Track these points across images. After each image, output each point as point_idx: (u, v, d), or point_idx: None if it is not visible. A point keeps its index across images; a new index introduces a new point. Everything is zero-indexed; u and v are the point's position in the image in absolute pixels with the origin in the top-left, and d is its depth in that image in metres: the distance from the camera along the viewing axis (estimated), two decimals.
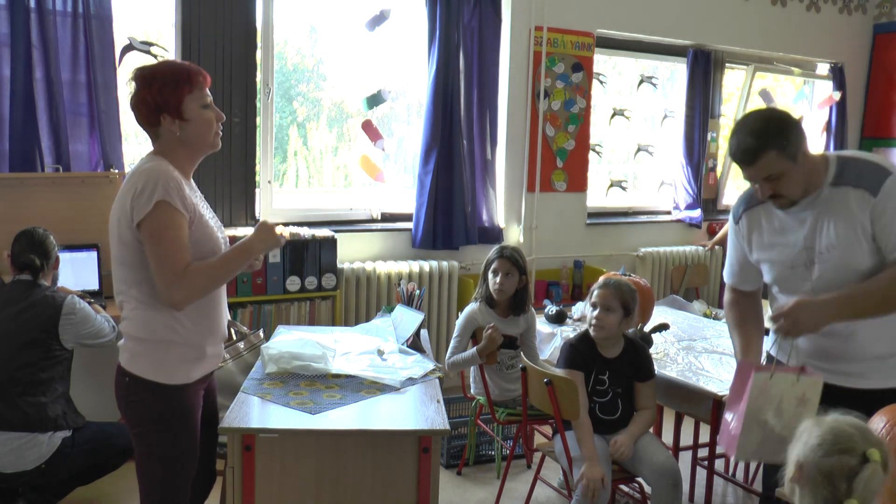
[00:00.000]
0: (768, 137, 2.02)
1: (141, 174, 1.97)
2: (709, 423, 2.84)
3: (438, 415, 2.27)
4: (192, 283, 1.95)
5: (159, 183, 1.93)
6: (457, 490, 3.55)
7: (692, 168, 5.69)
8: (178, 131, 2.03)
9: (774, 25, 5.86)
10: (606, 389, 2.92)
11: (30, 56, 3.50)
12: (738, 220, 2.33)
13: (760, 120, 2.06)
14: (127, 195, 1.97)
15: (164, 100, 2.00)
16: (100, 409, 3.70)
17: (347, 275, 4.30)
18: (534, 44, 4.88)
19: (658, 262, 5.50)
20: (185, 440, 2.11)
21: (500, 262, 3.36)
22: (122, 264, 2.04)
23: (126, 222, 1.97)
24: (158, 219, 1.92)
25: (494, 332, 3.26)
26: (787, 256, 2.20)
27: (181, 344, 2.06)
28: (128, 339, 2.09)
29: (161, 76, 2.02)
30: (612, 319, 2.86)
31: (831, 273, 2.13)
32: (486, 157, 4.74)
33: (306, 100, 4.77)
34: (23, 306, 2.88)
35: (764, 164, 2.04)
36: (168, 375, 2.06)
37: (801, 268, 2.18)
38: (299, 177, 4.79)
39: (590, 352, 2.92)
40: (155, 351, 2.05)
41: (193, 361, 2.10)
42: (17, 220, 3.29)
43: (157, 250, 1.93)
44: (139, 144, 4.18)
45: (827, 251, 2.12)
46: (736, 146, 2.08)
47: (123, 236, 2.00)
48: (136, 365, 2.07)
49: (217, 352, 2.22)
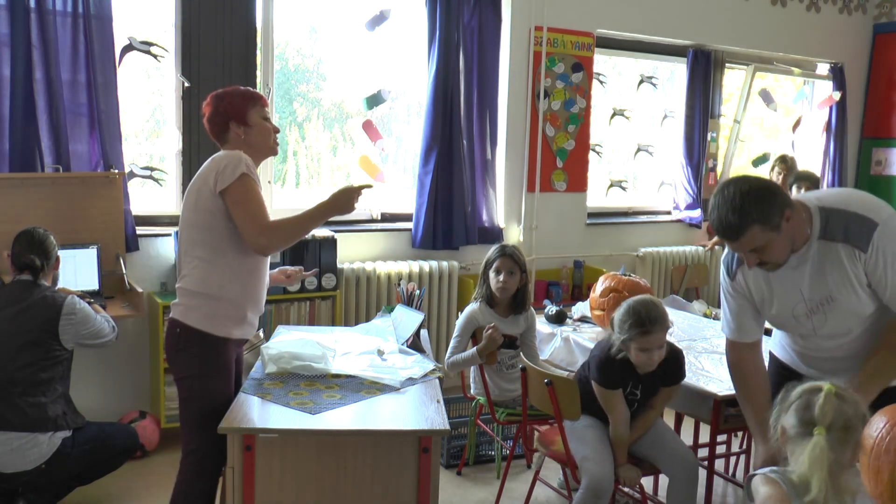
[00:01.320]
0: (749, 214, 2.00)
1: (224, 157, 2.40)
2: (709, 423, 2.83)
3: (438, 415, 2.28)
4: (276, 232, 2.37)
5: (242, 161, 2.36)
6: (457, 490, 3.55)
7: (692, 168, 5.69)
8: (242, 135, 2.50)
9: (774, 25, 5.86)
10: (637, 401, 2.85)
11: (30, 56, 3.50)
12: (735, 276, 2.30)
13: (740, 195, 2.01)
14: (210, 171, 2.37)
15: (234, 110, 2.49)
16: (100, 409, 3.71)
17: (347, 275, 4.30)
18: (534, 44, 4.88)
19: (658, 262, 5.50)
20: (221, 389, 2.43)
21: (502, 261, 3.36)
22: (193, 226, 2.42)
23: (207, 191, 2.36)
24: (244, 186, 2.34)
25: (495, 332, 3.26)
26: (786, 307, 2.22)
27: (227, 302, 2.42)
28: (183, 295, 2.44)
29: (230, 93, 2.53)
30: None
31: (833, 321, 2.16)
32: (486, 157, 4.74)
33: (306, 100, 4.77)
34: (23, 306, 2.88)
35: (748, 239, 2.03)
36: (214, 327, 2.41)
37: (803, 317, 2.20)
38: (300, 176, 4.79)
39: (625, 370, 2.77)
40: (206, 304, 2.41)
41: (236, 320, 2.46)
42: (17, 220, 3.29)
43: (246, 209, 2.34)
44: (139, 144, 4.18)
45: (827, 302, 2.14)
46: (718, 223, 2.06)
47: (201, 203, 2.39)
48: (188, 316, 2.42)
49: (253, 321, 2.55)
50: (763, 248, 2.06)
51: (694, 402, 2.89)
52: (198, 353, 2.41)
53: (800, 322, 2.21)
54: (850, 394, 1.73)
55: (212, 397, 2.40)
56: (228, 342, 2.46)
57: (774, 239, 2.04)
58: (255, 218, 2.34)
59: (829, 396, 1.68)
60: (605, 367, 2.76)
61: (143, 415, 3.76)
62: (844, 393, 1.72)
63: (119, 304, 3.53)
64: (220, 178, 2.34)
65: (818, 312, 2.16)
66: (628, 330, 2.67)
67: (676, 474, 2.78)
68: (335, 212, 2.51)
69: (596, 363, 2.80)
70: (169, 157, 4.09)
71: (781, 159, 5.25)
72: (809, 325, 2.20)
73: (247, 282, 2.47)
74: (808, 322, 2.19)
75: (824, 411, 1.67)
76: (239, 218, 2.35)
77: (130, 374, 3.93)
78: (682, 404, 3.02)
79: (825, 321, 2.17)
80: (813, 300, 2.15)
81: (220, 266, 2.40)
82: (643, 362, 2.71)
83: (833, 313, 2.14)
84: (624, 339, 2.69)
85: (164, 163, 4.12)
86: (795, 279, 2.17)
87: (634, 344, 2.68)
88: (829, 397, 1.68)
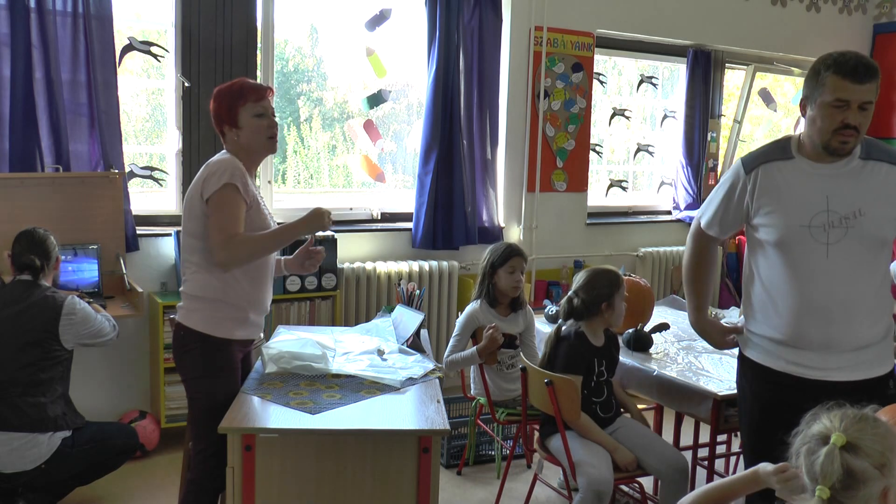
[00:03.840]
0: (876, 66, 2.10)
1: (216, 163, 2.41)
2: (709, 423, 2.83)
3: (438, 415, 2.28)
4: (235, 248, 2.33)
5: (228, 170, 2.36)
6: (457, 490, 3.54)
7: (692, 168, 5.69)
8: (236, 137, 2.47)
9: (774, 25, 5.86)
10: (604, 382, 2.96)
11: (30, 56, 3.50)
12: (750, 172, 2.25)
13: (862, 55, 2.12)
14: (200, 178, 2.39)
15: (225, 113, 2.46)
16: (100, 409, 3.71)
17: (347, 275, 4.30)
18: (534, 44, 4.88)
19: (658, 262, 5.50)
20: (226, 389, 2.44)
21: (516, 260, 3.40)
22: (190, 234, 2.45)
23: (198, 198, 2.38)
24: (223, 195, 2.34)
25: (495, 331, 3.26)
26: (804, 214, 2.16)
27: (228, 304, 2.44)
28: (185, 299, 2.48)
29: (224, 93, 2.48)
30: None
31: (852, 239, 2.13)
32: (486, 156, 4.74)
33: (307, 100, 4.77)
34: (23, 307, 2.88)
35: (872, 87, 2.09)
36: (215, 328, 2.43)
37: (819, 229, 2.14)
38: (301, 176, 4.79)
39: (585, 346, 2.95)
40: (206, 307, 2.43)
41: (237, 322, 2.48)
42: (17, 220, 3.29)
43: (215, 218, 2.34)
44: (139, 144, 4.18)
45: (853, 216, 2.12)
46: (854, 61, 2.08)
47: (193, 209, 2.41)
48: (190, 319, 2.45)
49: (258, 321, 2.57)
50: (867, 109, 2.10)
51: (694, 402, 2.89)
52: (201, 355, 2.44)
53: (813, 235, 2.14)
54: (870, 438, 1.43)
55: (218, 397, 2.42)
56: (232, 343, 2.48)
57: (872, 108, 2.12)
58: (221, 230, 2.33)
59: (833, 453, 1.41)
60: (567, 349, 2.92)
61: (143, 415, 3.76)
62: (861, 440, 1.42)
63: (119, 304, 3.53)
64: (206, 186, 2.36)
65: (839, 227, 2.13)
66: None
67: (666, 476, 2.83)
68: (307, 231, 2.51)
69: (560, 350, 2.95)
70: (169, 157, 4.09)
71: None
72: (823, 240, 2.14)
73: (246, 285, 2.47)
74: (822, 235, 2.13)
75: (825, 471, 1.42)
76: (209, 228, 2.36)
77: (130, 374, 3.93)
78: (682, 404, 3.02)
79: (842, 238, 2.12)
80: (837, 212, 2.13)
81: (216, 272, 2.42)
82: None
83: (854, 230, 2.12)
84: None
85: (164, 163, 4.12)
86: (824, 185, 2.15)
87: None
88: (833, 454, 1.41)
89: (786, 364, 2.23)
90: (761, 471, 1.67)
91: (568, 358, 2.91)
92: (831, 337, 2.17)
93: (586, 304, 2.94)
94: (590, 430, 2.86)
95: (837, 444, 1.42)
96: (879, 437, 1.44)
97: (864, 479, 1.41)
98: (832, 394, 1.67)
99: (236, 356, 2.52)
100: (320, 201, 4.75)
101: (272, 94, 2.55)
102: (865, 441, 1.42)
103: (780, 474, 1.61)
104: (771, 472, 1.64)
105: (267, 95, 2.51)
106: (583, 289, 2.97)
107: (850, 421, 1.46)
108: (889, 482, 1.43)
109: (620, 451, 2.84)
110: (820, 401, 1.54)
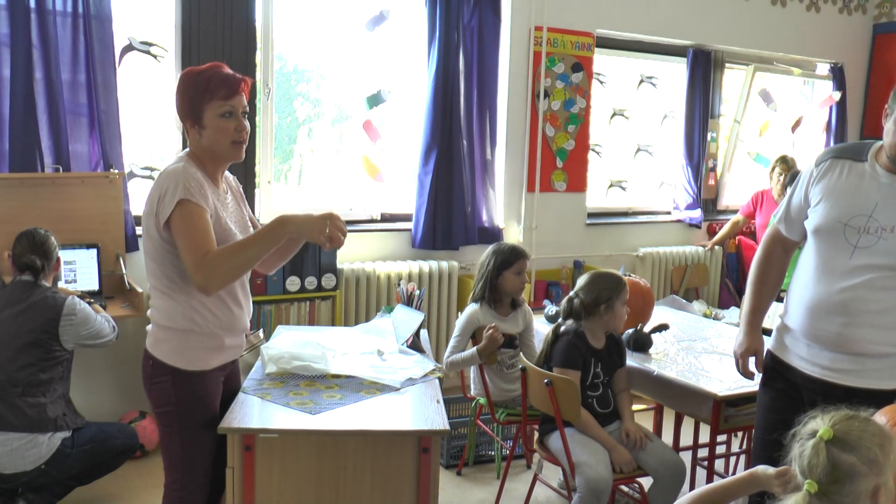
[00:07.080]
0: None
1: (167, 177, 2.08)
2: (709, 423, 2.84)
3: (438, 415, 2.28)
4: (212, 267, 2.00)
5: (180, 184, 2.03)
6: (457, 490, 3.55)
7: (692, 168, 5.69)
8: (198, 137, 2.14)
9: (774, 25, 5.86)
10: (600, 383, 2.99)
11: (30, 56, 3.50)
12: (820, 164, 2.28)
13: None
14: (154, 196, 2.09)
15: (188, 107, 2.12)
16: (100, 409, 3.71)
17: (347, 275, 4.30)
18: (534, 44, 4.88)
19: (658, 262, 5.50)
20: (202, 423, 2.20)
21: (522, 262, 3.42)
22: (148, 256, 2.15)
23: (153, 220, 2.09)
24: (181, 214, 2.02)
25: (495, 332, 3.27)
26: (846, 211, 2.18)
27: (199, 333, 2.16)
28: (153, 326, 2.20)
29: (190, 84, 2.12)
30: None
31: (879, 251, 2.12)
32: (486, 157, 4.74)
33: (307, 100, 4.76)
34: (23, 307, 2.88)
35: None
36: (186, 361, 2.16)
37: (853, 230, 2.16)
38: (302, 176, 4.79)
39: (584, 344, 2.97)
40: (175, 338, 2.15)
41: (212, 350, 2.20)
42: (18, 221, 3.29)
43: (182, 241, 2.03)
44: (139, 144, 4.18)
45: (890, 231, 2.12)
46: None
47: (149, 231, 2.11)
48: (158, 349, 2.17)
49: (237, 343, 2.31)
50: None
51: (694, 402, 2.89)
52: (173, 387, 2.16)
53: (846, 235, 2.17)
54: (858, 434, 1.44)
55: (191, 431, 2.19)
56: (206, 373, 2.20)
57: None
58: (191, 250, 2.00)
59: (819, 445, 1.44)
60: (565, 346, 2.95)
61: (143, 415, 3.76)
62: (848, 435, 1.44)
63: (119, 304, 3.53)
64: (161, 208, 2.04)
65: (871, 233, 2.13)
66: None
67: (661, 477, 2.85)
68: (297, 234, 2.08)
69: (558, 347, 2.97)
70: (169, 157, 4.09)
71: (782, 159, 5.26)
72: (853, 241, 2.16)
73: (218, 310, 2.18)
74: (853, 237, 2.16)
75: (811, 463, 1.44)
76: (180, 253, 2.04)
77: (130, 374, 3.92)
78: (682, 404, 3.02)
79: (870, 245, 2.14)
80: (878, 221, 2.13)
81: (180, 300, 2.13)
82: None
83: (886, 242, 2.12)
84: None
85: (164, 163, 4.11)
86: (878, 193, 2.15)
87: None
88: (819, 446, 1.44)
89: (797, 359, 2.26)
90: (760, 473, 1.67)
91: (566, 353, 2.94)
92: (840, 336, 2.17)
93: (585, 304, 2.95)
94: (589, 426, 2.88)
95: (824, 437, 1.44)
96: (869, 434, 1.46)
97: (852, 474, 1.42)
98: (840, 399, 1.69)
99: (214, 383, 2.25)
100: (320, 201, 4.75)
101: (247, 88, 2.17)
102: (853, 436, 1.44)
103: (780, 478, 1.61)
104: (772, 475, 1.63)
105: (240, 90, 2.14)
106: (584, 289, 2.99)
107: (841, 417, 1.48)
108: (880, 481, 1.44)
109: (618, 450, 2.86)
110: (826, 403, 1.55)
